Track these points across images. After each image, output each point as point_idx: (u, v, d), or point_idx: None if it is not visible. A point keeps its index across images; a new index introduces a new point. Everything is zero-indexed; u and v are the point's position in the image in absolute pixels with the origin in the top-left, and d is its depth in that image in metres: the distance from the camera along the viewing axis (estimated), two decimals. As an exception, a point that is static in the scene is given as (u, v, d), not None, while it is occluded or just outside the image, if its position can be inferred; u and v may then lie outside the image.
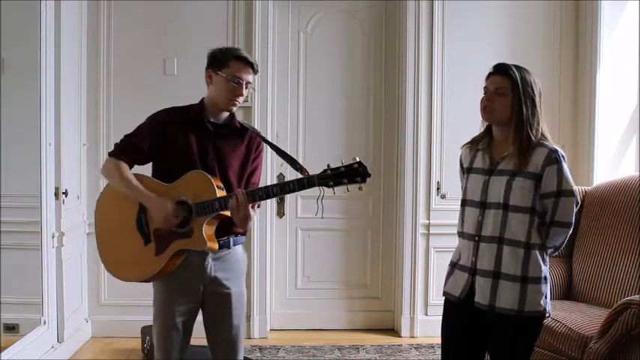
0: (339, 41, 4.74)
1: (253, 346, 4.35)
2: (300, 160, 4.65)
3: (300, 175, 2.46)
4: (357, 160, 2.36)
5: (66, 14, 4.03)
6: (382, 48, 4.75)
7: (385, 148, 4.77)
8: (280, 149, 2.69)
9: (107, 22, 4.48)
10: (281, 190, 2.45)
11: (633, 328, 2.95)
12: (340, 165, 2.37)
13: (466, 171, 2.59)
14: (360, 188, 2.37)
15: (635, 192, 3.60)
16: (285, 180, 4.59)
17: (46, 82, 3.80)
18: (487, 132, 2.55)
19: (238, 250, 2.73)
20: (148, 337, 4.10)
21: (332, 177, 2.36)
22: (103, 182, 4.50)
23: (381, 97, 4.77)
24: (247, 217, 2.48)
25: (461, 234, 2.57)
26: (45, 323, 3.86)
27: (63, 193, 3.99)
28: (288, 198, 4.71)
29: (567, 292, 3.75)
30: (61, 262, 4.01)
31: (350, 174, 2.35)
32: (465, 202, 2.56)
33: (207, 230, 2.53)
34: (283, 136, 4.65)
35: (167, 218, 2.52)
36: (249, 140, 2.71)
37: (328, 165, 2.39)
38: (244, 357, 2.89)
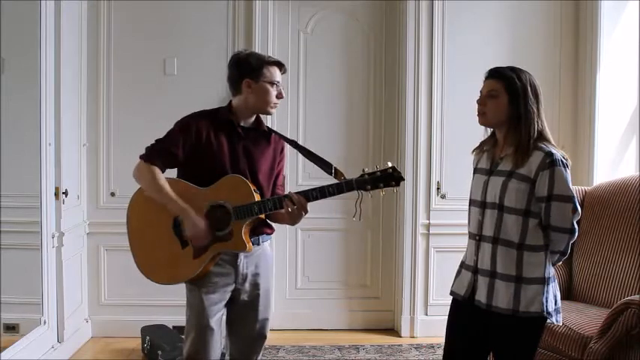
0: (339, 41, 4.74)
1: (253, 346, 4.35)
2: (301, 160, 4.69)
3: (334, 180, 2.54)
4: (391, 165, 2.49)
5: (66, 14, 4.03)
6: (382, 48, 4.75)
7: (385, 147, 4.77)
8: (312, 153, 2.71)
9: (107, 22, 4.48)
10: (320, 194, 2.53)
11: (633, 328, 2.95)
12: (376, 170, 2.48)
13: (473, 172, 2.62)
14: (394, 191, 2.53)
15: (635, 192, 3.60)
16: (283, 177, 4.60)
17: (46, 82, 3.80)
18: (493, 134, 2.57)
19: (266, 246, 2.80)
20: (148, 337, 4.10)
21: (370, 181, 2.48)
22: (103, 183, 4.53)
23: (381, 97, 4.77)
24: (301, 216, 2.58)
25: (468, 233, 2.60)
26: (45, 323, 3.86)
27: (63, 193, 3.99)
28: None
29: (567, 292, 3.75)
30: (61, 262, 4.01)
31: (386, 178, 2.47)
32: (470, 202, 2.59)
33: (246, 233, 2.58)
34: (283, 136, 4.65)
35: (198, 236, 2.55)
36: (275, 143, 2.78)
37: (363, 170, 2.51)
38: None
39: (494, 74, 2.48)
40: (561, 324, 2.64)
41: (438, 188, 4.62)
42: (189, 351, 2.66)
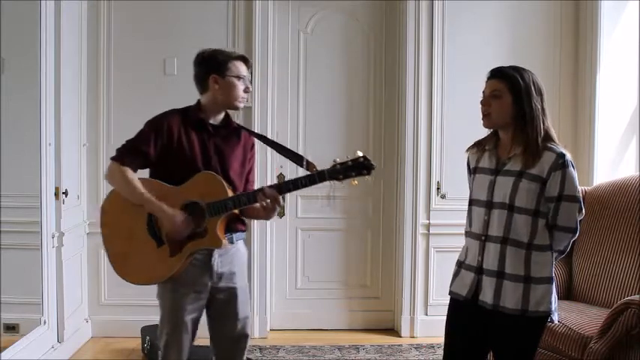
0: (339, 41, 4.74)
1: (253, 346, 4.34)
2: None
3: (307, 172, 2.54)
4: (361, 154, 2.50)
5: (66, 14, 4.03)
6: (382, 48, 4.75)
7: (385, 148, 4.77)
8: (283, 147, 2.73)
9: (107, 22, 4.48)
10: (294, 186, 2.55)
11: (633, 328, 2.95)
12: (347, 160, 2.50)
13: (472, 171, 2.60)
14: (366, 180, 2.54)
15: (635, 192, 3.60)
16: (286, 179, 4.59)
17: (46, 82, 3.80)
18: (494, 134, 2.55)
19: (241, 245, 2.79)
20: (148, 337, 4.10)
21: (342, 171, 2.50)
22: (103, 183, 4.52)
23: (381, 97, 4.77)
24: (275, 209, 2.59)
25: (468, 233, 2.58)
26: (45, 323, 3.86)
27: (63, 193, 3.99)
28: (289, 198, 4.70)
29: (567, 292, 3.75)
30: (61, 262, 4.01)
31: (357, 167, 2.50)
32: (471, 202, 2.57)
33: (220, 229, 2.58)
34: (283, 136, 4.65)
35: (177, 230, 2.55)
36: (245, 140, 2.78)
37: (335, 160, 2.52)
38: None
39: (497, 74, 2.46)
40: (557, 322, 2.64)
41: (438, 188, 4.62)
42: (164, 348, 2.67)
